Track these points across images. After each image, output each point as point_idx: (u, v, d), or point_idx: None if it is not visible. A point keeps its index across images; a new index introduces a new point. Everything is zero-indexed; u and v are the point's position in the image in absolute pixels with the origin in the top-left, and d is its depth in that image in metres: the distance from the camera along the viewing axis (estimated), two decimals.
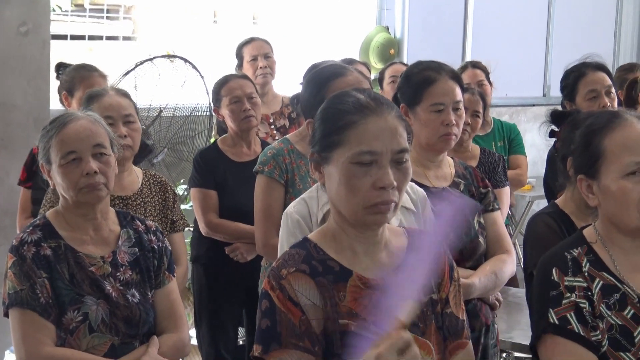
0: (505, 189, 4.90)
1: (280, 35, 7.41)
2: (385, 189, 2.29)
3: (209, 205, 4.85)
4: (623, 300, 2.56)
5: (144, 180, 4.03)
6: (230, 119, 4.94)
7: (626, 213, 2.54)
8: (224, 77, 5.10)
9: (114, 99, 3.93)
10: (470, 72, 6.13)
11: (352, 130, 2.32)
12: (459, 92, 3.52)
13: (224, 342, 5.00)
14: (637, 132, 2.57)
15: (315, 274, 2.33)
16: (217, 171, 4.91)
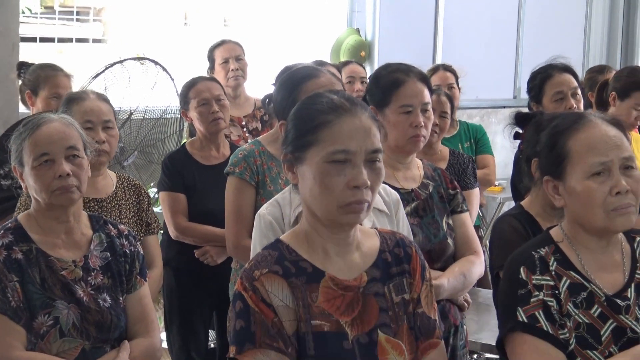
0: (475, 190, 4.93)
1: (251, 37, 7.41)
2: (359, 189, 2.30)
3: (178, 208, 4.83)
4: (590, 299, 2.58)
5: (118, 183, 4.04)
6: (199, 121, 4.93)
7: (592, 213, 2.56)
8: (192, 79, 5.08)
9: (95, 104, 3.93)
10: (441, 74, 6.17)
11: (327, 129, 2.34)
12: (427, 94, 3.54)
13: (195, 345, 4.99)
14: (601, 133, 2.60)
15: (288, 275, 2.34)
16: (186, 174, 4.89)
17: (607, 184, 2.54)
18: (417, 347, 2.47)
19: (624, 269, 2.64)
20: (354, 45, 8.34)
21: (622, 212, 2.54)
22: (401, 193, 3.43)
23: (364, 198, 2.32)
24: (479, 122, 8.70)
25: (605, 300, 2.58)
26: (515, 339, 2.56)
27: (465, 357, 3.70)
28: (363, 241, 2.46)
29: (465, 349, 3.68)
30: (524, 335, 2.53)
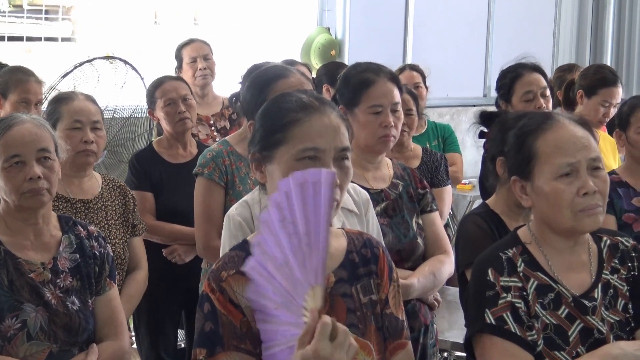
0: (447, 188, 4.97)
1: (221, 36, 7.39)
2: None
3: (146, 207, 4.81)
4: (557, 300, 2.59)
5: (103, 184, 4.03)
6: (165, 121, 4.92)
7: (559, 214, 2.57)
8: (158, 79, 5.07)
9: (84, 104, 3.92)
10: (407, 73, 6.20)
11: (296, 127, 2.34)
12: (397, 93, 3.54)
13: (164, 344, 4.97)
14: (569, 134, 2.60)
15: None
16: (153, 173, 4.88)
17: (575, 184, 2.55)
18: (385, 347, 2.46)
19: (590, 269, 2.65)
20: (324, 44, 8.34)
21: (590, 213, 2.55)
22: (371, 193, 3.43)
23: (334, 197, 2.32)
24: (449, 120, 8.74)
25: (573, 301, 2.59)
26: (484, 341, 2.56)
27: (435, 355, 3.72)
28: (330, 242, 2.45)
29: (435, 348, 3.69)
30: (492, 337, 2.54)
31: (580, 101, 5.30)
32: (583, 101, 5.28)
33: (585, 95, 5.28)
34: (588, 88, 5.29)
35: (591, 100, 5.26)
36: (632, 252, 2.71)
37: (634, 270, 2.68)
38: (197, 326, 2.33)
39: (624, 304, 2.64)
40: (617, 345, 2.54)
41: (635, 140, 4.45)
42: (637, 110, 4.49)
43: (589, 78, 5.35)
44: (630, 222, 4.37)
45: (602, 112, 5.23)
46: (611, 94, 5.26)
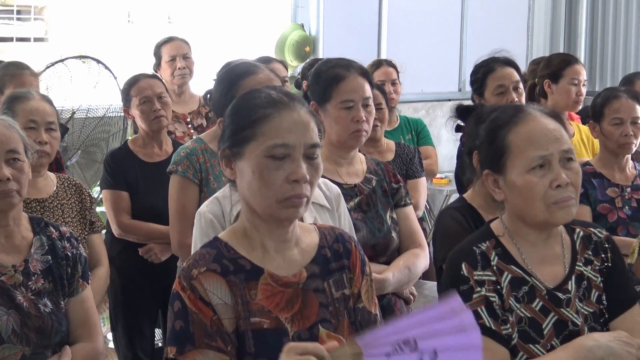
0: (422, 179, 5.00)
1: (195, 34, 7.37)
2: (298, 183, 2.29)
3: (121, 206, 4.81)
4: (531, 293, 2.59)
5: (58, 183, 4.01)
6: (141, 119, 4.91)
7: (532, 206, 2.56)
8: (134, 77, 5.05)
9: (40, 104, 3.90)
10: (385, 69, 6.18)
11: (266, 123, 2.33)
12: (368, 88, 3.55)
13: (141, 343, 4.96)
14: (541, 127, 2.60)
15: (226, 273, 2.32)
16: (128, 172, 4.87)
17: (548, 177, 2.54)
18: None
19: (564, 261, 2.66)
20: (298, 40, 8.33)
21: (563, 205, 2.55)
22: (344, 188, 3.43)
23: (303, 192, 2.31)
24: (424, 115, 8.74)
25: (547, 293, 2.59)
26: None
27: None
28: (302, 237, 2.45)
29: None
30: None
31: (549, 91, 5.31)
32: (552, 89, 5.30)
33: (552, 83, 5.30)
34: (552, 74, 5.32)
35: (559, 84, 5.29)
36: (605, 243, 2.71)
37: (607, 261, 2.68)
38: (168, 325, 2.32)
39: (598, 296, 2.65)
40: (591, 337, 2.54)
41: (609, 132, 4.48)
42: (610, 101, 4.52)
43: (550, 66, 5.38)
44: (605, 212, 4.40)
45: (573, 91, 5.26)
46: (576, 71, 5.30)
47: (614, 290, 2.66)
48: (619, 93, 4.57)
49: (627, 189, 4.46)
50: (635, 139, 4.48)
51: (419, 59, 8.50)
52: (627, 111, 4.48)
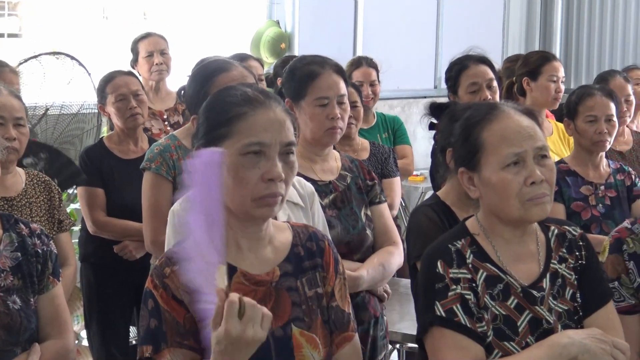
0: (397, 179, 5.00)
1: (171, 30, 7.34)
2: (273, 181, 2.29)
3: (96, 203, 4.81)
4: (506, 291, 2.59)
5: (27, 180, 3.97)
6: (116, 116, 4.90)
7: (507, 204, 2.57)
8: (109, 74, 5.04)
9: (8, 100, 3.86)
10: (364, 70, 6.17)
11: (241, 122, 2.32)
12: (343, 85, 3.54)
13: (116, 341, 4.95)
14: (515, 124, 2.60)
15: None
16: (104, 169, 4.87)
17: (522, 174, 2.55)
18: (331, 340, 2.46)
19: (539, 259, 2.66)
20: (273, 37, 8.32)
21: (538, 202, 2.55)
22: (319, 185, 3.43)
23: (278, 191, 2.31)
24: (400, 112, 8.75)
25: (521, 291, 2.59)
26: (434, 334, 2.55)
27: (385, 347, 3.71)
28: (275, 235, 2.45)
29: (385, 340, 3.69)
30: (442, 330, 2.53)
31: (528, 88, 5.33)
32: (531, 87, 5.31)
33: (531, 80, 5.32)
34: (531, 72, 5.33)
35: (538, 81, 5.30)
36: (580, 241, 2.72)
37: (581, 259, 2.69)
38: (141, 323, 2.31)
39: (572, 293, 2.65)
40: (565, 334, 2.54)
41: (583, 129, 4.50)
42: (584, 99, 4.54)
43: (528, 63, 5.40)
44: (579, 210, 4.41)
45: (552, 87, 5.27)
46: (555, 68, 5.32)
47: (588, 288, 2.66)
48: (594, 91, 4.59)
49: (601, 187, 4.48)
50: (610, 137, 4.49)
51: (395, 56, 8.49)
52: (602, 109, 4.49)
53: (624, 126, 5.41)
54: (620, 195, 4.51)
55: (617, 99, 4.62)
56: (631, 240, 3.00)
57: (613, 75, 5.68)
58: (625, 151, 5.42)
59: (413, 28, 9.40)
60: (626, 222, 3.10)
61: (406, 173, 6.08)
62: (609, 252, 3.02)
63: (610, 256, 3.01)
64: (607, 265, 3.00)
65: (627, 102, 5.47)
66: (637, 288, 2.97)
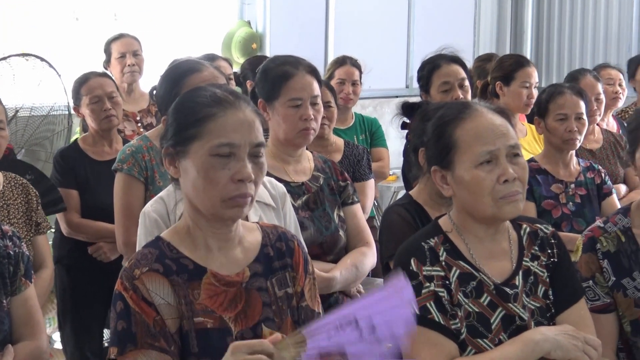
0: (370, 181, 4.96)
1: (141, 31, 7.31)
2: (243, 182, 2.29)
3: (70, 204, 4.79)
4: (479, 288, 2.61)
5: (5, 183, 3.96)
6: (91, 118, 4.89)
7: (480, 201, 2.58)
8: (84, 75, 5.03)
9: None
10: (347, 68, 6.17)
11: (211, 122, 2.32)
12: (316, 86, 3.53)
13: (89, 343, 4.93)
14: (487, 122, 2.62)
15: (169, 272, 2.31)
16: (78, 170, 4.86)
17: (495, 172, 2.56)
18: None
19: (511, 256, 2.68)
20: (245, 37, 8.31)
21: (510, 200, 2.57)
22: (292, 186, 3.43)
23: (248, 192, 2.31)
24: (372, 112, 8.75)
25: (494, 288, 2.61)
26: None
27: None
28: (245, 236, 2.45)
29: None
30: (416, 327, 2.54)
31: (501, 93, 5.34)
32: (503, 91, 5.33)
33: (504, 85, 5.34)
34: (504, 76, 5.35)
35: (511, 86, 5.32)
36: (552, 238, 2.74)
37: (553, 256, 2.71)
38: (111, 325, 2.31)
39: (544, 291, 2.67)
40: (538, 331, 2.57)
41: (554, 128, 4.52)
42: (555, 97, 4.57)
43: (502, 67, 5.41)
44: (549, 208, 4.44)
45: (525, 94, 5.29)
46: (528, 74, 5.33)
47: (560, 285, 2.69)
48: (564, 89, 4.62)
49: (571, 185, 4.51)
50: (579, 135, 4.52)
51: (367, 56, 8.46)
52: (572, 107, 4.52)
53: (594, 124, 5.44)
54: (591, 193, 4.54)
55: (587, 97, 4.65)
56: (604, 239, 3.03)
57: (583, 73, 5.70)
58: (595, 149, 5.45)
59: (384, 28, 9.41)
60: (598, 221, 3.12)
61: (381, 176, 6.07)
62: (582, 251, 3.04)
63: (584, 255, 3.03)
64: (581, 265, 3.03)
65: (597, 101, 5.49)
66: (612, 287, 3.00)
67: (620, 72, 6.42)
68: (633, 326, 2.99)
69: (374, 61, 8.67)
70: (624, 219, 3.07)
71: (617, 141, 5.54)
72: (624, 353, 3.03)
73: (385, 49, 9.30)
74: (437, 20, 9.71)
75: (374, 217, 6.08)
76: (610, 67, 6.44)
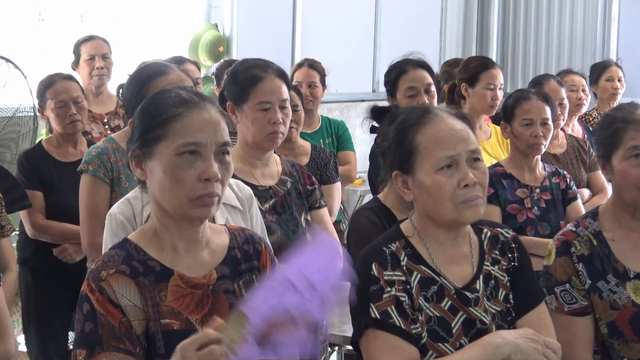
0: (337, 185, 4.97)
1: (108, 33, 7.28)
2: (210, 181, 2.30)
3: (35, 206, 4.77)
4: (440, 292, 2.62)
5: None
6: (56, 122, 4.89)
7: (441, 206, 2.59)
8: (49, 77, 5.00)
9: None
10: (304, 70, 6.18)
11: (176, 122, 2.33)
12: (285, 90, 3.54)
13: (54, 346, 4.91)
14: (447, 127, 2.63)
15: (135, 274, 2.31)
16: (43, 172, 4.85)
17: (455, 177, 2.57)
18: None
19: (472, 260, 2.69)
20: (212, 40, 8.30)
21: (471, 205, 2.58)
22: (259, 190, 3.44)
23: (215, 191, 2.31)
24: (339, 116, 8.76)
25: (455, 293, 2.62)
26: (369, 336, 2.57)
27: (325, 351, 3.73)
28: (212, 238, 2.45)
29: (325, 344, 3.70)
30: (377, 332, 2.55)
31: (466, 94, 5.38)
32: (469, 93, 5.37)
33: (469, 87, 5.37)
34: (469, 78, 5.38)
35: (475, 88, 5.35)
36: (512, 243, 2.75)
37: (514, 260, 2.72)
38: (76, 327, 2.30)
39: (505, 295, 2.69)
40: (498, 335, 2.57)
41: (519, 132, 4.55)
42: (521, 102, 4.59)
43: (467, 69, 5.45)
44: (515, 212, 4.46)
45: (489, 95, 5.33)
46: (492, 76, 5.37)
47: (521, 289, 2.70)
48: (529, 94, 4.65)
49: (536, 190, 4.54)
50: (545, 140, 4.55)
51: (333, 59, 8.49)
52: (537, 112, 4.55)
53: (558, 129, 5.48)
54: (556, 198, 4.57)
55: (552, 102, 4.68)
56: (578, 243, 3.05)
57: (547, 79, 5.74)
58: (559, 154, 5.49)
59: (351, 32, 9.43)
60: (569, 224, 3.14)
61: (348, 180, 6.08)
62: (556, 255, 3.05)
63: (558, 259, 3.05)
64: (555, 268, 3.04)
65: (561, 106, 5.53)
66: (588, 290, 3.01)
67: (583, 77, 6.48)
68: (609, 328, 3.00)
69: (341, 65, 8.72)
70: (594, 222, 3.09)
71: (580, 146, 5.58)
72: (600, 355, 3.05)
73: (352, 53, 9.33)
74: (403, 24, 9.75)
75: (341, 220, 6.08)
76: (573, 73, 6.48)
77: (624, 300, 2.99)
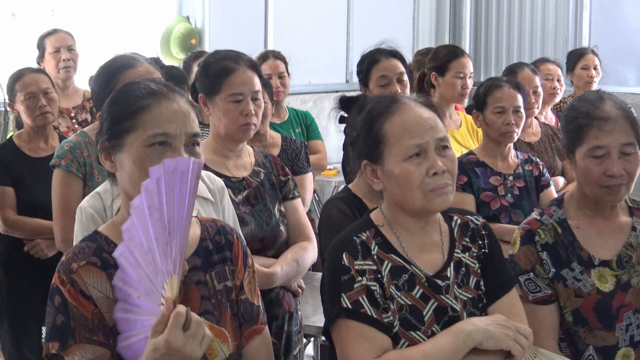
0: (309, 175, 4.96)
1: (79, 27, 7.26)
2: None
3: (6, 202, 4.77)
4: (411, 281, 2.61)
5: None
6: (26, 114, 4.87)
7: (410, 195, 2.59)
8: (19, 71, 5.00)
9: None
10: (271, 62, 6.16)
11: (145, 114, 2.33)
12: (257, 81, 3.53)
13: (28, 342, 4.90)
14: (415, 116, 2.63)
15: (106, 266, 2.31)
16: (14, 167, 4.83)
17: (424, 165, 2.57)
18: (241, 333, 2.48)
19: (442, 248, 2.69)
20: (184, 33, 8.29)
21: (440, 192, 2.58)
22: (232, 181, 3.43)
23: None
24: (312, 107, 8.77)
25: (426, 281, 2.62)
26: (341, 325, 2.56)
27: (300, 342, 3.73)
28: None
29: (300, 334, 3.70)
30: (349, 321, 2.54)
31: (436, 83, 5.39)
32: (439, 82, 5.38)
33: (438, 75, 5.39)
34: (439, 67, 5.40)
35: (445, 77, 5.37)
36: (482, 230, 2.76)
37: (484, 247, 2.73)
38: (48, 320, 2.30)
39: (476, 282, 2.69)
40: (469, 322, 2.58)
41: (492, 121, 4.57)
42: (492, 90, 4.61)
43: (437, 58, 5.46)
44: (488, 200, 4.48)
45: (459, 84, 5.35)
46: (462, 65, 5.39)
47: (491, 276, 2.70)
48: (502, 83, 4.67)
49: (510, 178, 4.56)
50: (517, 128, 4.57)
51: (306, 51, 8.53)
52: (509, 100, 4.57)
53: (532, 118, 5.50)
54: (529, 185, 4.59)
55: (524, 91, 4.70)
56: (542, 232, 3.05)
57: (521, 67, 5.76)
58: (533, 142, 5.51)
59: (324, 22, 9.44)
60: (534, 213, 3.15)
61: (320, 168, 6.09)
62: (520, 243, 3.06)
63: (522, 248, 3.05)
64: (519, 257, 3.04)
65: (535, 94, 5.55)
66: (552, 278, 3.02)
67: (559, 66, 6.49)
68: (574, 316, 3.01)
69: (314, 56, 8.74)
70: (559, 210, 3.10)
71: (555, 134, 5.60)
72: (565, 343, 3.05)
73: (325, 44, 9.33)
74: (376, 15, 9.76)
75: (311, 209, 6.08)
76: (550, 62, 6.49)
77: (588, 287, 3.00)
